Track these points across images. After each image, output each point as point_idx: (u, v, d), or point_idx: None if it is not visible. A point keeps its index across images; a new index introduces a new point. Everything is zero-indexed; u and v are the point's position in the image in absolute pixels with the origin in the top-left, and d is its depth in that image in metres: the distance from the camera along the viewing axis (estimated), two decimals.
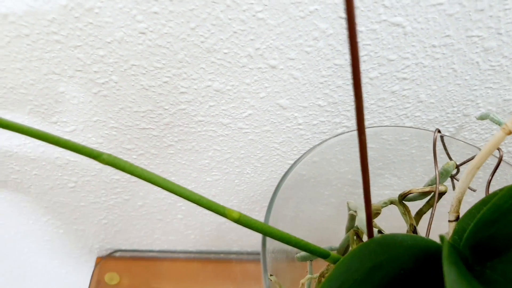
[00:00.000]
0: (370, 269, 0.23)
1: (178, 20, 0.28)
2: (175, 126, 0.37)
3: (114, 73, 0.32)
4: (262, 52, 0.30)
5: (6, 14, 0.28)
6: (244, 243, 0.54)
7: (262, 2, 0.27)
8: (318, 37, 0.30)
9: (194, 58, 0.31)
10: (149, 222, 0.49)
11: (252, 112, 0.35)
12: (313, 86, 0.33)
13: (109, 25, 0.29)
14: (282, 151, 0.39)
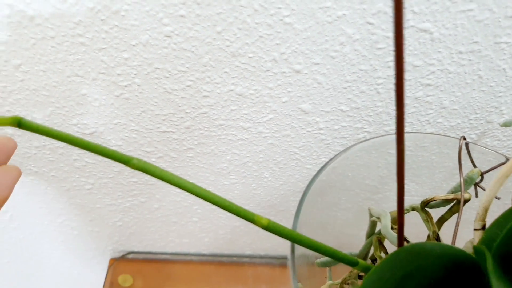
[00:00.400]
0: (401, 279, 0.22)
1: (204, 24, 0.28)
2: (195, 129, 0.36)
3: (138, 76, 0.32)
4: (287, 56, 0.30)
5: (33, 16, 0.28)
6: (258, 247, 0.54)
7: (290, 7, 0.27)
8: (345, 42, 0.29)
9: (218, 62, 0.31)
10: (164, 224, 0.49)
11: (273, 116, 0.35)
12: (337, 91, 0.33)
13: (135, 28, 0.29)
14: (301, 156, 0.39)
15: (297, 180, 0.42)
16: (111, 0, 0.27)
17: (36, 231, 0.50)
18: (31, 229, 0.50)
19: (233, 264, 0.54)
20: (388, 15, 0.28)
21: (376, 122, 0.36)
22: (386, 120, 0.36)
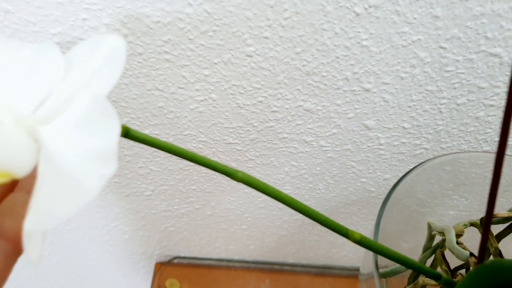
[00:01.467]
0: None
1: (285, 45, 0.30)
2: (259, 142, 0.38)
3: (214, 92, 0.33)
4: (359, 76, 0.32)
5: (126, 34, 0.30)
6: (300, 256, 0.55)
7: (369, 31, 0.29)
8: (415, 64, 0.31)
9: (292, 80, 0.32)
10: (213, 231, 0.51)
11: (336, 131, 0.37)
12: (401, 109, 0.34)
13: (220, 47, 0.30)
14: (357, 169, 0.41)
15: (350, 192, 0.44)
16: (201, 22, 0.29)
17: (89, 234, 0.52)
18: (85, 232, 0.52)
19: (274, 271, 0.56)
20: (461, 41, 0.29)
21: (435, 140, 0.37)
22: (444, 138, 0.37)
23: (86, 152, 0.17)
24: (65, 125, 0.18)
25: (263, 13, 0.28)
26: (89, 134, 0.17)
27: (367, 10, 0.28)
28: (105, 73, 0.19)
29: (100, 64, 0.19)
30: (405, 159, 0.39)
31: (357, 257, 0.54)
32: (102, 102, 0.17)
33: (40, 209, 0.17)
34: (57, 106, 0.19)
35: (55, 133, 0.18)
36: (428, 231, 0.36)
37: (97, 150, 0.17)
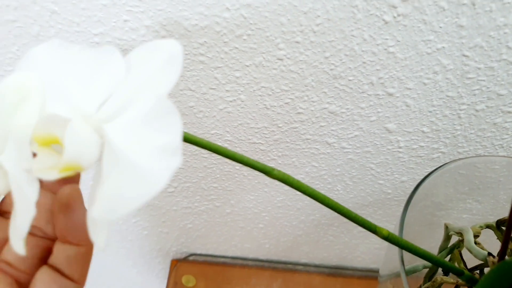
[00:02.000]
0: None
1: (315, 50, 0.32)
2: (282, 142, 0.40)
3: (244, 93, 0.35)
4: (384, 81, 0.33)
5: (165, 36, 0.32)
6: (314, 256, 0.56)
7: (396, 38, 0.30)
8: (438, 71, 0.32)
9: (319, 83, 0.34)
10: (231, 229, 0.52)
11: (358, 133, 0.38)
12: (422, 113, 0.36)
13: (252, 50, 0.32)
14: (376, 172, 0.42)
15: (367, 194, 0.45)
16: (237, 26, 0.30)
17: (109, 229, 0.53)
18: None
19: (288, 271, 0.57)
20: (483, 49, 0.31)
21: (452, 144, 0.39)
22: (462, 143, 0.38)
23: (152, 147, 0.18)
24: (130, 122, 0.19)
25: (297, 19, 0.30)
26: (154, 130, 0.19)
27: (395, 19, 0.29)
28: (164, 75, 0.20)
29: (159, 67, 0.20)
30: (422, 162, 0.41)
31: (370, 258, 0.55)
32: (164, 101, 0.19)
33: (109, 199, 0.18)
34: (119, 105, 0.20)
35: (121, 130, 0.19)
36: (445, 232, 0.37)
37: (162, 144, 0.18)
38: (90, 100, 0.20)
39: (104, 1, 0.30)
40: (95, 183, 0.21)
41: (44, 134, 0.19)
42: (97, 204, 0.18)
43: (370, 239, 0.53)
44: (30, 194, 0.19)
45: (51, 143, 0.19)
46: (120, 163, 0.18)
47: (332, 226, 0.50)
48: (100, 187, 0.19)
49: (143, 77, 0.20)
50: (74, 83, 0.21)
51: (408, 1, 0.28)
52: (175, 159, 0.18)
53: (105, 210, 0.18)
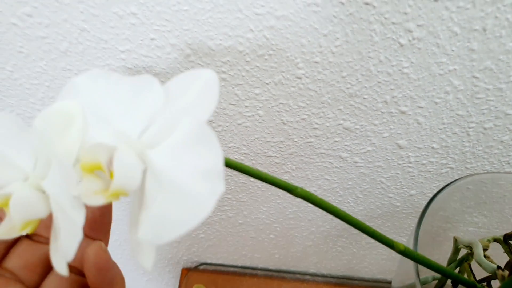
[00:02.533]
0: None
1: (333, 69, 0.33)
2: (297, 156, 0.41)
3: (262, 109, 0.36)
4: (397, 99, 0.35)
5: (189, 54, 0.33)
6: (322, 266, 0.57)
7: (410, 60, 0.32)
8: (449, 91, 0.34)
9: (335, 101, 0.35)
10: (242, 239, 0.53)
11: (371, 149, 0.39)
12: (432, 131, 0.37)
13: (273, 69, 0.33)
14: (386, 185, 0.43)
15: (376, 207, 0.46)
16: (259, 46, 0.32)
17: (122, 238, 0.54)
18: (118, 236, 0.54)
19: (296, 280, 0.58)
20: (493, 72, 0.32)
21: (460, 160, 0.40)
22: (470, 159, 0.40)
23: (196, 172, 0.19)
24: (172, 148, 0.20)
25: (317, 41, 0.31)
26: (196, 155, 0.20)
27: (410, 42, 0.31)
28: (203, 102, 0.21)
29: (197, 95, 0.21)
30: (431, 177, 0.42)
31: (376, 268, 0.56)
32: (204, 127, 0.20)
33: (157, 224, 0.19)
34: (160, 132, 0.21)
35: (164, 156, 0.20)
36: (454, 245, 0.39)
37: (206, 169, 0.19)
38: (132, 127, 0.22)
39: (133, 20, 0.32)
40: (136, 206, 0.22)
41: (89, 161, 0.20)
42: (144, 228, 0.20)
43: (377, 250, 0.54)
44: (76, 218, 0.20)
45: (94, 169, 0.20)
46: (166, 188, 0.19)
47: (341, 237, 0.51)
48: (145, 211, 0.20)
49: (182, 104, 0.22)
50: (114, 111, 0.22)
51: (423, 26, 0.30)
52: (220, 183, 0.19)
53: (154, 235, 0.19)
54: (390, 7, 0.29)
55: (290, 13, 0.30)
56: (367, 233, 0.27)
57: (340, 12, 0.30)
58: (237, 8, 0.30)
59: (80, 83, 0.23)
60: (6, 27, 0.33)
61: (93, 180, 0.20)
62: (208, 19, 0.31)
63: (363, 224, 0.27)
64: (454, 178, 0.42)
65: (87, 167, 0.20)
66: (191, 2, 0.30)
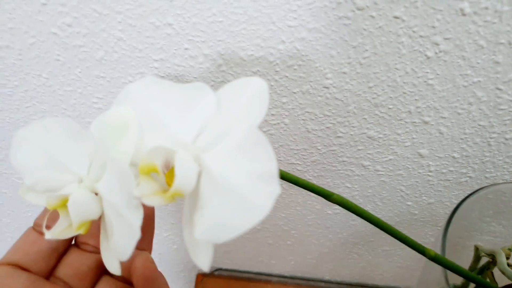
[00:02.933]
0: None
1: (360, 80, 0.34)
2: (319, 163, 0.42)
3: (288, 117, 0.37)
4: (421, 110, 0.36)
5: (221, 64, 0.34)
6: (337, 273, 0.58)
7: (436, 72, 0.33)
8: (473, 102, 0.35)
9: (360, 110, 0.36)
10: (259, 245, 0.54)
11: (393, 157, 0.40)
12: (454, 141, 0.38)
13: (301, 79, 0.35)
14: (405, 193, 0.44)
15: (395, 214, 0.47)
16: (289, 57, 0.33)
17: None
18: None
19: (310, 287, 0.59)
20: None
21: (480, 169, 0.41)
22: (489, 168, 0.41)
23: (251, 175, 0.20)
24: (227, 152, 0.21)
25: (346, 52, 0.32)
26: (251, 159, 0.21)
27: (437, 54, 0.32)
28: (254, 108, 0.22)
29: (248, 101, 0.22)
30: (450, 185, 0.43)
31: (391, 276, 0.57)
32: (258, 132, 0.21)
33: (214, 225, 0.20)
34: (214, 137, 0.22)
35: (219, 159, 0.21)
36: (475, 253, 0.39)
37: (261, 172, 0.20)
38: (186, 132, 0.23)
39: (169, 31, 0.33)
40: (188, 207, 0.23)
41: (147, 163, 0.21)
42: (200, 228, 0.20)
43: (392, 258, 0.54)
44: (133, 219, 0.21)
45: (151, 172, 0.21)
46: (222, 190, 0.20)
47: (358, 245, 0.52)
48: (200, 212, 0.21)
49: (234, 110, 0.22)
50: (168, 117, 0.23)
51: (450, 39, 0.31)
52: (275, 186, 0.20)
53: (211, 235, 0.20)
54: (419, 21, 0.30)
55: (322, 26, 0.31)
56: (400, 239, 0.28)
57: (370, 25, 0.31)
58: (270, 21, 0.31)
59: (135, 90, 0.24)
60: (46, 36, 0.34)
61: (149, 182, 0.21)
62: (241, 30, 0.32)
63: (395, 230, 0.28)
64: (472, 187, 0.43)
65: (145, 170, 0.21)
66: (226, 14, 0.31)
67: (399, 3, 0.30)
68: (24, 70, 0.37)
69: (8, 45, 0.35)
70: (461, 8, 0.30)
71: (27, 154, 0.23)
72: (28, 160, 0.23)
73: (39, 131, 0.23)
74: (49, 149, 0.23)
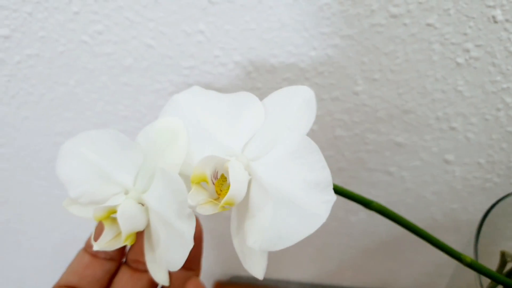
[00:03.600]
0: None
1: (390, 86, 0.34)
2: (345, 170, 0.42)
3: (316, 123, 0.38)
4: (449, 116, 0.36)
5: (251, 71, 0.34)
6: (355, 280, 0.58)
7: (465, 78, 0.33)
8: (501, 108, 0.35)
9: (389, 117, 0.36)
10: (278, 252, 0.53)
11: (419, 163, 0.40)
12: (480, 147, 0.38)
13: (331, 86, 0.35)
14: (429, 200, 0.44)
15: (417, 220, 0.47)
16: (320, 64, 0.33)
17: None
18: None
19: None
20: None
21: (505, 175, 0.41)
22: None
23: (306, 183, 0.20)
24: (277, 160, 0.21)
25: (377, 59, 0.33)
26: (303, 167, 0.21)
27: (467, 61, 0.32)
28: (302, 117, 0.22)
29: (297, 110, 0.22)
30: (473, 191, 0.43)
31: (411, 282, 0.57)
32: (309, 140, 0.21)
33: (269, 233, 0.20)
34: (263, 145, 0.22)
35: (270, 168, 0.21)
36: (501, 259, 0.39)
37: (316, 181, 0.20)
38: (236, 141, 0.23)
39: (200, 38, 0.33)
40: (238, 215, 0.23)
41: (199, 173, 0.21)
42: (253, 237, 0.20)
43: (413, 265, 0.54)
44: (186, 228, 0.21)
45: (201, 181, 0.21)
46: (276, 199, 0.20)
47: (379, 252, 0.52)
48: (251, 221, 0.21)
49: (282, 119, 0.23)
50: (216, 126, 0.23)
51: (481, 46, 0.31)
52: (330, 193, 0.20)
53: (266, 243, 0.20)
54: (452, 28, 0.31)
55: (355, 33, 0.31)
56: (437, 246, 0.28)
57: (402, 32, 0.31)
58: (303, 28, 0.32)
59: (182, 100, 0.24)
60: (76, 44, 0.34)
61: (200, 191, 0.21)
62: (274, 38, 0.32)
63: (433, 237, 0.28)
64: (497, 193, 0.43)
65: (196, 179, 0.21)
66: (259, 22, 0.32)
67: (432, 11, 0.30)
68: (52, 78, 0.37)
69: (38, 53, 0.35)
70: (493, 16, 0.30)
71: (73, 166, 0.23)
72: (73, 172, 0.23)
73: (85, 142, 0.23)
74: (95, 161, 0.23)
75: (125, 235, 0.22)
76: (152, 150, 0.23)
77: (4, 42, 0.34)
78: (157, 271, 0.24)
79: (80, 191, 0.23)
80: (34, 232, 0.54)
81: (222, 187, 0.22)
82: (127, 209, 0.22)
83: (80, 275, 0.26)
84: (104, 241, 0.22)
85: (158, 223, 0.22)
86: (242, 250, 0.23)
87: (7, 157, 0.43)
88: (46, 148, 0.43)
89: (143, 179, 0.23)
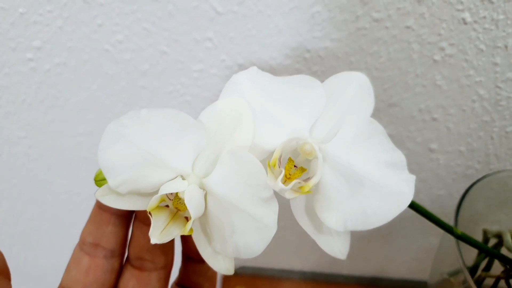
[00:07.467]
0: None
1: (376, 83, 0.39)
2: None
3: None
4: (430, 108, 0.40)
5: None
6: (354, 268, 0.62)
7: (442, 74, 0.38)
8: (476, 99, 0.40)
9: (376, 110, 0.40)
10: (282, 242, 0.58)
11: (405, 153, 0.44)
12: (460, 135, 0.43)
13: None
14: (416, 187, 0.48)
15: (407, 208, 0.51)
16: (314, 64, 0.38)
17: None
18: None
19: (329, 282, 0.62)
20: None
21: (485, 162, 0.45)
22: (493, 160, 0.45)
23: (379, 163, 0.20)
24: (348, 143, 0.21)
25: (363, 59, 0.37)
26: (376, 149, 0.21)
27: (443, 58, 0.37)
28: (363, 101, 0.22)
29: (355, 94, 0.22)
30: (457, 178, 0.47)
31: (406, 269, 0.61)
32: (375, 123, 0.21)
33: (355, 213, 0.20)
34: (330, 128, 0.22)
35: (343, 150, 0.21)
36: (483, 236, 0.43)
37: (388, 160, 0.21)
38: (302, 123, 0.22)
39: (208, 44, 0.38)
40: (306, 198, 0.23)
41: (277, 156, 0.20)
42: (335, 218, 0.21)
43: (407, 251, 0.58)
44: (266, 213, 0.21)
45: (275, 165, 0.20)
46: (355, 181, 0.20)
47: (374, 239, 0.56)
48: (328, 203, 0.21)
49: (342, 103, 0.22)
50: (279, 108, 0.22)
51: (454, 44, 0.36)
52: (407, 172, 0.21)
53: (353, 224, 0.21)
54: (427, 30, 0.35)
55: (343, 36, 0.36)
56: (433, 220, 0.30)
57: (384, 34, 0.36)
58: (297, 33, 0.36)
59: (242, 81, 0.22)
60: (99, 53, 0.39)
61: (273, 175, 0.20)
62: (272, 42, 0.37)
63: (429, 212, 0.31)
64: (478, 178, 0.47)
65: (274, 162, 0.20)
66: (260, 29, 0.36)
67: (410, 15, 0.35)
68: (77, 84, 0.41)
69: (65, 62, 0.39)
70: (463, 18, 0.35)
71: (116, 150, 0.20)
72: (116, 158, 0.20)
73: (133, 123, 0.20)
74: (142, 144, 0.20)
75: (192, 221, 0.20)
76: (218, 132, 0.21)
77: (36, 53, 0.38)
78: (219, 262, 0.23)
79: (122, 179, 0.21)
80: (55, 230, 0.59)
81: (291, 171, 0.22)
82: (194, 195, 0.20)
83: (82, 283, 0.24)
84: (156, 233, 0.20)
85: (225, 209, 0.21)
86: (318, 233, 0.23)
87: (34, 157, 0.48)
88: (68, 148, 0.47)
89: (204, 163, 0.22)
